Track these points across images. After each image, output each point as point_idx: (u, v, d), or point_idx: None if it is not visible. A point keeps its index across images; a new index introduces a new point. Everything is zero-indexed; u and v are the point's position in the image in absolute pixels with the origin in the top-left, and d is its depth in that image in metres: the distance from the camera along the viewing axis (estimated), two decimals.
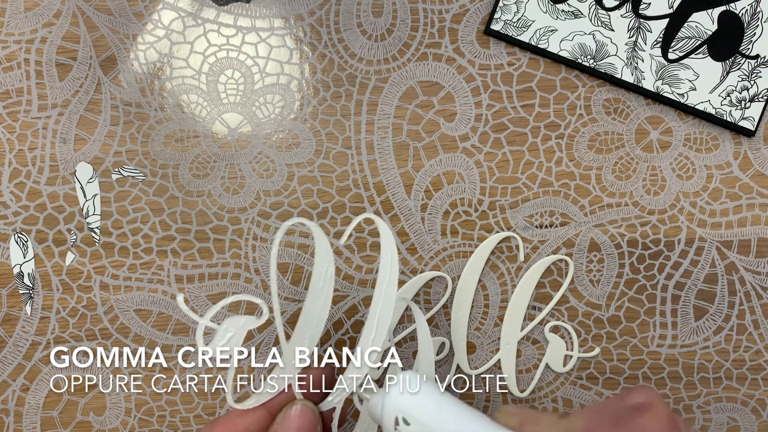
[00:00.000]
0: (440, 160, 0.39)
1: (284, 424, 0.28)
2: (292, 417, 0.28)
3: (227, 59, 0.38)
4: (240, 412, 0.29)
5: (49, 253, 0.38)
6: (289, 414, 0.28)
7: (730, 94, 0.39)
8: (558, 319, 0.40)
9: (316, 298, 0.29)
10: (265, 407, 0.29)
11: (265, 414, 0.29)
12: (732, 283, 0.40)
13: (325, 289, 0.29)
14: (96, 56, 0.38)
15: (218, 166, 0.39)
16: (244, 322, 0.28)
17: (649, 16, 0.39)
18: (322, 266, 0.29)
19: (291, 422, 0.28)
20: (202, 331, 0.27)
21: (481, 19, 0.39)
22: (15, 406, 0.38)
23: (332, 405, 0.30)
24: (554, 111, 0.40)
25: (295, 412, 0.28)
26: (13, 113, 0.38)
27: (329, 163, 0.39)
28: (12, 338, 0.38)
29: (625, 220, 0.40)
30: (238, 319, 0.28)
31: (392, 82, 0.39)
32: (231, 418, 0.29)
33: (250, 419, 0.29)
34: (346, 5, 0.39)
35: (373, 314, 0.29)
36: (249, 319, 0.28)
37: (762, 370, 0.41)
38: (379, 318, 0.29)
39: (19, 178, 0.38)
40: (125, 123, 0.38)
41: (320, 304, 0.29)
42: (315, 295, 0.29)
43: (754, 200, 0.40)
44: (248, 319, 0.28)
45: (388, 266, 0.29)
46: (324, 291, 0.29)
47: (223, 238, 0.39)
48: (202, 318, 0.27)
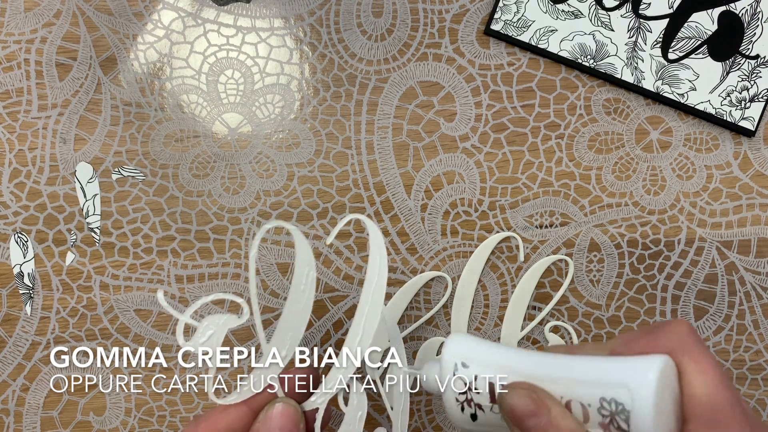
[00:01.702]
0: (440, 160, 0.39)
1: (266, 423, 0.28)
2: (274, 416, 0.28)
3: (227, 59, 0.39)
4: (222, 410, 0.29)
5: (49, 253, 0.38)
6: (271, 413, 0.28)
7: (730, 94, 0.39)
8: (558, 319, 0.40)
9: (297, 301, 0.29)
10: (248, 405, 0.29)
11: (248, 412, 0.29)
12: (732, 283, 0.40)
13: (306, 293, 0.29)
14: (96, 56, 0.38)
15: (218, 166, 0.39)
16: (225, 320, 0.28)
17: (649, 16, 0.39)
18: (303, 270, 0.29)
19: (273, 421, 0.28)
20: (182, 327, 0.27)
21: (481, 19, 0.39)
22: (15, 406, 0.38)
23: (315, 405, 0.30)
24: (554, 111, 0.40)
25: (276, 411, 0.28)
26: (13, 113, 0.38)
27: (329, 163, 0.39)
28: (12, 338, 0.38)
29: (625, 220, 0.40)
30: (218, 318, 0.28)
31: (392, 82, 0.39)
32: (214, 415, 0.29)
33: (233, 416, 0.29)
34: (346, 5, 0.39)
35: (359, 316, 0.29)
36: (230, 317, 0.28)
37: (762, 370, 0.41)
38: (366, 320, 0.29)
39: (19, 178, 0.38)
40: (125, 123, 0.38)
41: (301, 308, 0.29)
42: (296, 298, 0.29)
43: (754, 200, 0.40)
44: (229, 317, 0.28)
45: (376, 268, 0.29)
46: (305, 294, 0.29)
47: (223, 238, 0.39)
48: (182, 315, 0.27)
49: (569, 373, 0.26)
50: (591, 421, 0.24)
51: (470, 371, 0.28)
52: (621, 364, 0.25)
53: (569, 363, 0.26)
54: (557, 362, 0.26)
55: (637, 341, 0.26)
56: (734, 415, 0.23)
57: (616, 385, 0.24)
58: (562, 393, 0.25)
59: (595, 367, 0.25)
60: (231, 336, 0.39)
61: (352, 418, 0.30)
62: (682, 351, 0.24)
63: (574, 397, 0.25)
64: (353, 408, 0.30)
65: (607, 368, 0.25)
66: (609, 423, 0.24)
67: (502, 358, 0.28)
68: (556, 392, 0.25)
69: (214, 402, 0.29)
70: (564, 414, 0.24)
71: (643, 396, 0.23)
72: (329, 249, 0.39)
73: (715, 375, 0.24)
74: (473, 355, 0.28)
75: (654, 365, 0.23)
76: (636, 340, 0.26)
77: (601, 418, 0.24)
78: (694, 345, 0.25)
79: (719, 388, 0.23)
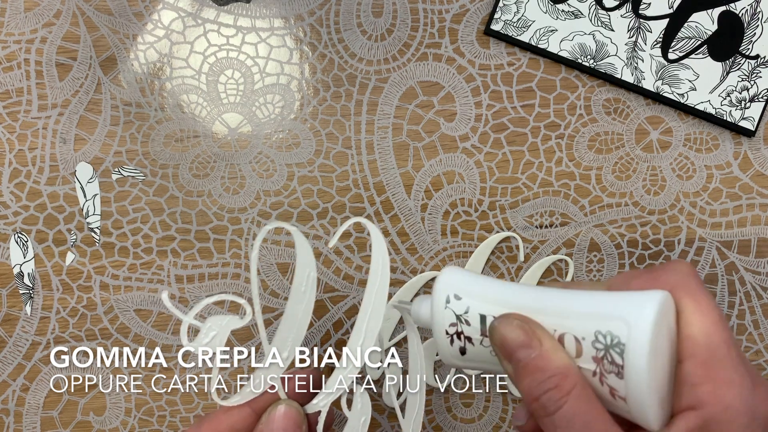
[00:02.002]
0: (440, 160, 0.39)
1: (269, 425, 0.28)
2: (277, 417, 0.28)
3: (227, 59, 0.39)
4: (225, 411, 0.29)
5: (49, 253, 0.38)
6: (273, 414, 0.28)
7: (730, 94, 0.39)
8: None
9: (298, 302, 0.29)
10: (251, 407, 0.29)
11: (251, 413, 0.29)
12: (732, 283, 0.40)
13: (307, 294, 0.29)
14: (96, 56, 0.38)
15: (218, 166, 0.39)
16: (227, 321, 0.28)
17: (649, 16, 0.39)
18: (304, 271, 0.29)
19: (276, 423, 0.28)
20: (186, 328, 0.27)
21: (481, 19, 0.39)
22: (15, 406, 0.38)
23: (318, 408, 0.30)
24: (554, 111, 0.40)
25: (279, 413, 0.28)
26: (13, 113, 0.38)
27: (329, 163, 0.39)
28: (12, 338, 0.38)
29: (625, 220, 0.40)
30: (221, 319, 0.28)
31: (392, 82, 0.39)
32: (217, 416, 0.29)
33: (236, 418, 0.29)
34: (346, 5, 0.39)
35: (362, 320, 0.29)
36: (233, 318, 0.28)
37: (762, 370, 0.41)
38: (368, 323, 0.29)
39: (19, 178, 0.38)
40: (125, 123, 0.38)
41: (302, 308, 0.29)
42: (297, 299, 0.29)
43: (754, 200, 0.40)
44: (232, 318, 0.28)
45: (378, 271, 0.29)
46: (306, 295, 0.29)
47: (223, 238, 0.39)
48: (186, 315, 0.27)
49: (565, 306, 0.25)
50: (584, 354, 0.24)
51: (462, 303, 0.27)
52: (619, 297, 0.24)
53: (565, 296, 0.25)
54: (553, 295, 0.26)
55: (638, 278, 0.25)
56: (729, 354, 0.22)
57: (613, 317, 0.23)
58: (555, 326, 0.25)
59: (592, 300, 0.24)
60: (231, 336, 0.39)
61: (355, 423, 0.30)
62: (683, 290, 0.24)
63: (568, 330, 0.24)
64: (357, 412, 0.30)
65: (605, 301, 0.24)
66: (603, 357, 0.23)
67: (496, 291, 0.27)
68: (550, 325, 0.25)
69: (216, 403, 0.29)
70: (555, 347, 0.24)
71: (640, 329, 0.22)
72: (329, 249, 0.39)
73: (713, 315, 0.23)
74: (466, 288, 0.27)
75: (653, 299, 0.23)
76: (636, 278, 0.25)
77: (595, 351, 0.23)
78: (694, 285, 0.24)
79: (717, 328, 0.23)
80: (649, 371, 0.22)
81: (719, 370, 0.22)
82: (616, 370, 0.23)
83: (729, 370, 0.22)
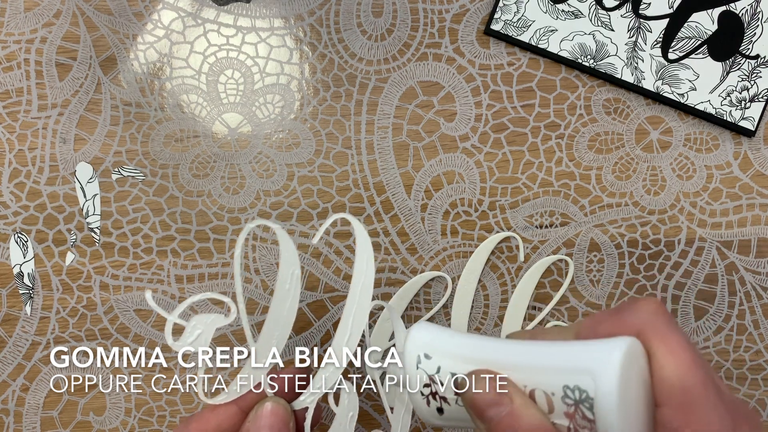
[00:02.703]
0: (440, 160, 0.39)
1: (256, 422, 0.28)
2: (264, 414, 0.28)
3: (227, 59, 0.38)
4: (212, 409, 0.29)
5: (49, 253, 0.38)
6: (260, 411, 0.28)
7: (730, 94, 0.39)
8: (558, 319, 0.40)
9: (283, 300, 0.29)
10: (238, 405, 0.29)
11: (238, 411, 0.29)
12: (732, 283, 0.40)
13: (291, 292, 0.29)
14: (96, 56, 0.38)
15: (218, 166, 0.39)
16: (212, 319, 0.28)
17: (649, 16, 0.39)
18: (288, 269, 0.29)
19: (262, 420, 0.28)
20: (170, 327, 0.27)
21: (481, 19, 0.39)
22: (15, 406, 0.38)
23: (305, 404, 0.30)
24: (554, 111, 0.40)
25: (266, 410, 0.28)
26: (13, 113, 0.38)
27: (329, 163, 0.39)
28: (12, 338, 0.38)
29: (625, 220, 0.40)
30: (206, 317, 0.28)
31: (392, 82, 0.39)
32: (204, 415, 0.29)
33: (223, 416, 0.29)
34: (346, 5, 0.39)
35: (347, 316, 0.29)
36: (217, 317, 0.28)
37: (762, 370, 0.41)
38: (353, 319, 0.29)
39: (19, 178, 0.38)
40: (125, 123, 0.38)
41: (287, 306, 0.29)
42: (281, 297, 0.29)
43: (754, 200, 0.40)
44: (216, 317, 0.28)
45: (363, 267, 0.29)
46: (290, 293, 0.29)
47: (223, 238, 0.39)
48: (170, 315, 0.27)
49: (532, 360, 0.24)
50: (556, 410, 0.23)
51: (433, 363, 0.26)
52: (584, 348, 0.23)
53: (532, 349, 0.25)
54: (520, 349, 0.25)
55: (604, 323, 0.24)
56: (707, 395, 0.22)
57: (578, 371, 0.22)
58: (526, 381, 0.24)
59: (558, 353, 0.24)
60: (231, 336, 0.39)
61: (343, 419, 0.30)
62: (651, 331, 0.23)
63: (538, 386, 0.24)
64: (344, 408, 0.30)
65: (569, 354, 0.23)
66: (574, 412, 0.22)
67: (463, 347, 0.26)
68: (520, 381, 0.24)
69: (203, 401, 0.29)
70: (526, 404, 0.23)
71: (606, 382, 0.21)
72: (329, 249, 0.39)
73: (685, 355, 0.22)
74: (435, 345, 0.27)
75: (617, 348, 0.22)
76: (602, 323, 0.24)
77: (566, 407, 0.23)
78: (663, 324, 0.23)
79: (691, 368, 0.22)
80: (621, 423, 0.21)
81: (697, 413, 0.22)
82: (588, 425, 0.22)
83: (707, 411, 0.22)
